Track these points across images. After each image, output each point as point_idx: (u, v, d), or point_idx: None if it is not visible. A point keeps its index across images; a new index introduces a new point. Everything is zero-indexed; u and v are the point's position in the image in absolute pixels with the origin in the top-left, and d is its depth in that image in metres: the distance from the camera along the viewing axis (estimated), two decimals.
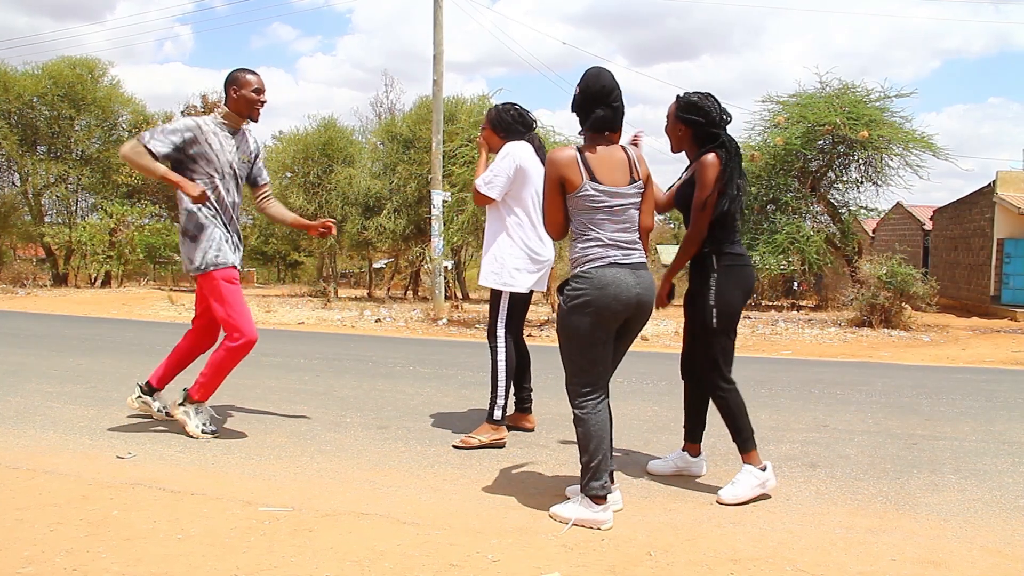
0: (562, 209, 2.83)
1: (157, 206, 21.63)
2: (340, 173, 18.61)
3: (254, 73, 3.86)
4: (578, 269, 2.78)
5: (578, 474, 2.84)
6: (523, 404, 4.10)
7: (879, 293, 11.17)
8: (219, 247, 3.75)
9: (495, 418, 3.74)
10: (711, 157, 3.02)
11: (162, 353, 4.23)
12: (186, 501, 2.87)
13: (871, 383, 6.15)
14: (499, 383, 3.76)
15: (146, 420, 4.16)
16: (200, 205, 3.72)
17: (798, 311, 15.22)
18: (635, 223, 2.85)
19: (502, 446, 3.73)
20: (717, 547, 2.55)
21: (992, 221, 15.77)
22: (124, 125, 22.59)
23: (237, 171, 3.88)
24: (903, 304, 11.40)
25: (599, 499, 2.72)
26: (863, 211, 16.77)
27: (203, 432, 3.82)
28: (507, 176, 3.71)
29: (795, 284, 21.17)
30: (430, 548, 2.48)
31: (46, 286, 19.38)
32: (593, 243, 2.77)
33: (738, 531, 2.70)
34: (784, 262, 15.66)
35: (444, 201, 12.66)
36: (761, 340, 9.80)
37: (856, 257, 15.57)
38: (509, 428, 4.11)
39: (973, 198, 17.17)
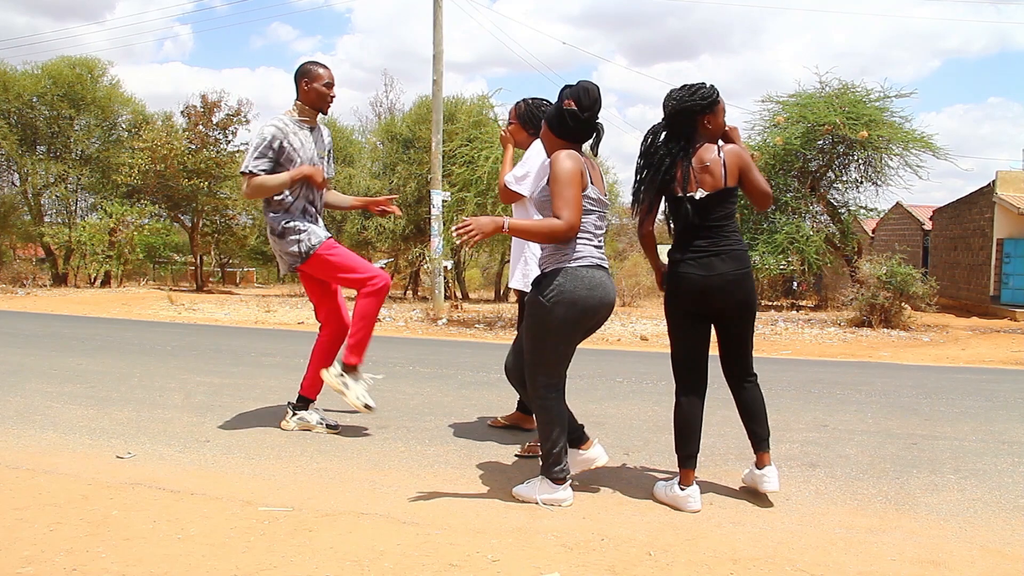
0: None
1: (157, 206, 21.60)
2: (340, 173, 18.62)
3: (325, 67, 3.88)
4: (567, 264, 2.81)
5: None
6: (525, 406, 4.09)
7: (879, 293, 11.17)
8: (308, 233, 3.80)
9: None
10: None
11: (162, 353, 4.22)
12: (186, 501, 2.87)
13: (871, 383, 6.15)
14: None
15: (145, 420, 4.16)
16: (282, 206, 3.80)
17: (798, 311, 15.23)
18: (603, 227, 3.04)
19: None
20: (717, 547, 2.55)
21: (992, 221, 15.77)
22: (124, 125, 22.60)
23: (318, 166, 3.89)
24: (903, 304, 11.41)
25: (560, 480, 2.91)
26: (863, 211, 16.78)
27: (365, 406, 3.78)
28: (539, 175, 3.48)
29: (795, 284, 21.18)
30: (430, 548, 2.48)
31: (46, 286, 19.37)
32: (584, 242, 2.87)
33: (738, 531, 2.70)
34: (784, 262, 15.66)
35: (444, 201, 12.66)
36: (761, 340, 9.80)
37: (856, 257, 15.58)
38: (509, 427, 4.13)
39: (973, 198, 17.18)
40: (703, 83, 2.96)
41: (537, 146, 3.53)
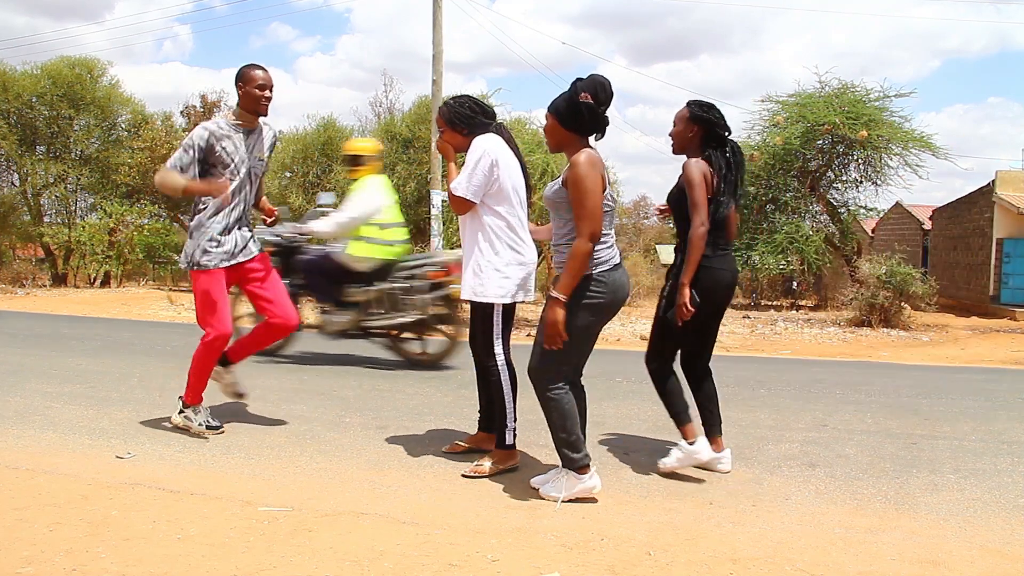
0: None
1: (156, 206, 21.59)
2: (339, 173, 18.60)
3: (261, 68, 3.86)
4: (593, 271, 2.86)
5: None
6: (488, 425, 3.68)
7: (878, 293, 11.17)
8: (205, 249, 3.79)
9: (507, 443, 3.37)
10: (694, 160, 3.21)
11: (162, 353, 4.23)
12: (185, 501, 2.87)
13: (870, 383, 6.15)
14: (507, 405, 3.36)
15: (145, 420, 4.16)
16: (205, 204, 3.81)
17: (797, 311, 15.23)
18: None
19: (515, 470, 3.40)
20: (716, 547, 2.55)
21: (991, 221, 15.77)
22: (123, 125, 22.57)
23: (252, 170, 3.91)
24: (902, 304, 11.41)
25: (584, 468, 2.91)
26: (862, 211, 16.77)
27: (208, 428, 3.88)
28: (485, 175, 3.28)
29: (794, 284, 21.17)
30: (429, 548, 2.48)
31: (45, 286, 19.36)
32: (603, 245, 2.90)
33: (737, 531, 2.70)
34: (783, 262, 15.66)
35: (443, 201, 12.66)
36: (760, 340, 9.80)
37: (855, 257, 15.58)
38: (471, 450, 3.68)
39: (972, 198, 17.18)
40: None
41: (478, 146, 3.34)
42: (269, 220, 4.18)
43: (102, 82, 21.72)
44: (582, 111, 2.85)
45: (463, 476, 3.30)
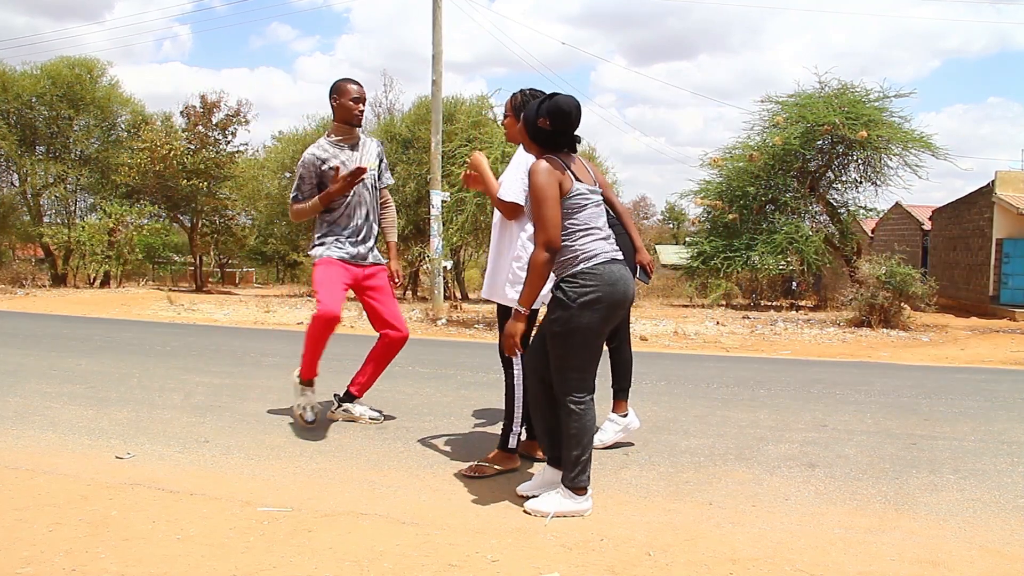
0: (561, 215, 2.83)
1: (156, 206, 21.59)
2: None
3: (355, 83, 4.02)
4: (582, 266, 2.80)
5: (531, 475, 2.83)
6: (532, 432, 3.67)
7: (878, 293, 11.17)
8: (330, 246, 4.02)
9: (510, 446, 3.38)
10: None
11: (162, 353, 4.24)
12: (185, 501, 2.87)
13: (870, 383, 6.15)
14: (516, 410, 3.36)
15: (145, 420, 4.16)
16: (334, 219, 4.04)
17: (797, 311, 15.23)
18: (606, 219, 3.03)
19: (515, 471, 3.40)
20: (716, 547, 2.55)
21: (991, 221, 15.77)
22: (123, 125, 22.59)
23: (364, 183, 4.05)
24: (902, 304, 11.41)
25: (581, 490, 2.84)
26: (862, 211, 16.79)
27: (301, 417, 4.03)
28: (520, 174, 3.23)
29: (794, 284, 21.18)
30: (429, 548, 2.48)
31: (45, 286, 19.36)
32: (591, 238, 2.84)
33: (737, 531, 2.70)
34: (783, 262, 15.68)
35: (443, 201, 12.65)
36: (760, 340, 9.81)
37: (855, 257, 15.59)
38: (522, 456, 3.61)
39: (972, 198, 17.18)
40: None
41: (520, 153, 3.31)
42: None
43: (102, 82, 21.74)
44: (539, 132, 2.88)
45: (463, 475, 3.30)
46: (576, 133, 2.91)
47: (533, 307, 3.21)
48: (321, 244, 4.04)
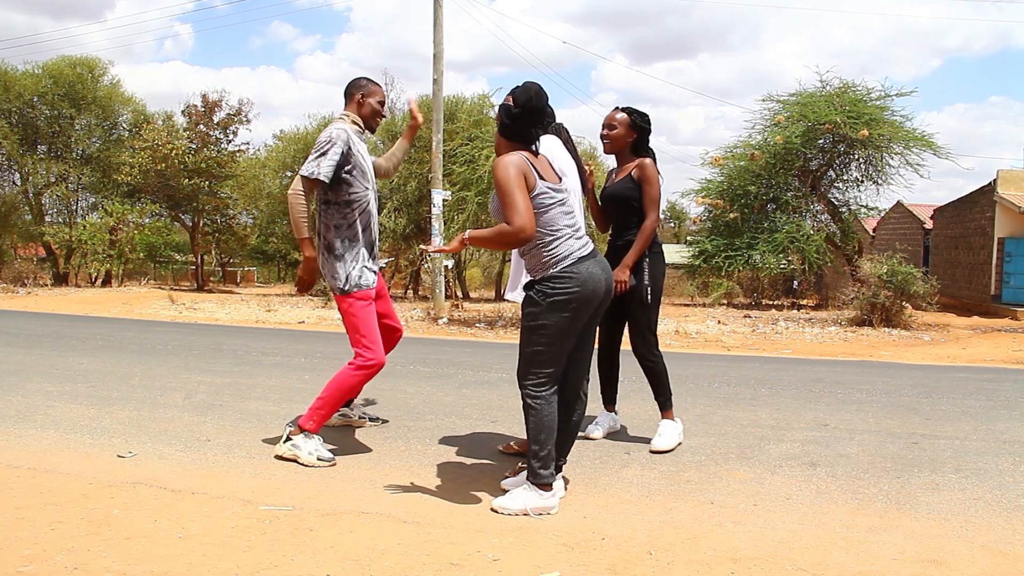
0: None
1: (157, 205, 21.61)
2: None
3: (379, 85, 3.78)
4: (553, 270, 2.81)
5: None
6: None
7: (879, 292, 11.16)
8: (362, 269, 3.56)
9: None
10: (651, 161, 3.79)
11: (163, 352, 4.23)
12: (187, 500, 2.87)
13: (871, 382, 6.14)
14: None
15: (146, 419, 4.16)
16: (350, 224, 3.54)
17: (798, 310, 15.22)
18: (577, 214, 3.06)
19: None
20: (717, 546, 2.55)
21: (992, 220, 15.76)
22: (124, 124, 22.61)
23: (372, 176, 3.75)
24: (903, 303, 11.39)
25: (547, 486, 2.83)
26: (863, 210, 16.77)
27: (319, 460, 3.38)
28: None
29: (795, 283, 21.18)
30: (430, 547, 2.48)
31: (47, 285, 19.39)
32: (560, 239, 2.83)
33: (738, 530, 2.70)
34: (784, 261, 15.67)
35: (444, 200, 12.65)
36: (761, 339, 9.80)
37: (856, 256, 15.57)
38: (517, 455, 3.65)
39: (974, 197, 17.16)
40: None
41: (545, 141, 3.29)
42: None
43: (103, 81, 21.76)
44: (503, 115, 2.87)
45: (499, 450, 3.67)
46: (541, 123, 2.89)
47: (511, 300, 3.54)
48: (354, 264, 3.54)
